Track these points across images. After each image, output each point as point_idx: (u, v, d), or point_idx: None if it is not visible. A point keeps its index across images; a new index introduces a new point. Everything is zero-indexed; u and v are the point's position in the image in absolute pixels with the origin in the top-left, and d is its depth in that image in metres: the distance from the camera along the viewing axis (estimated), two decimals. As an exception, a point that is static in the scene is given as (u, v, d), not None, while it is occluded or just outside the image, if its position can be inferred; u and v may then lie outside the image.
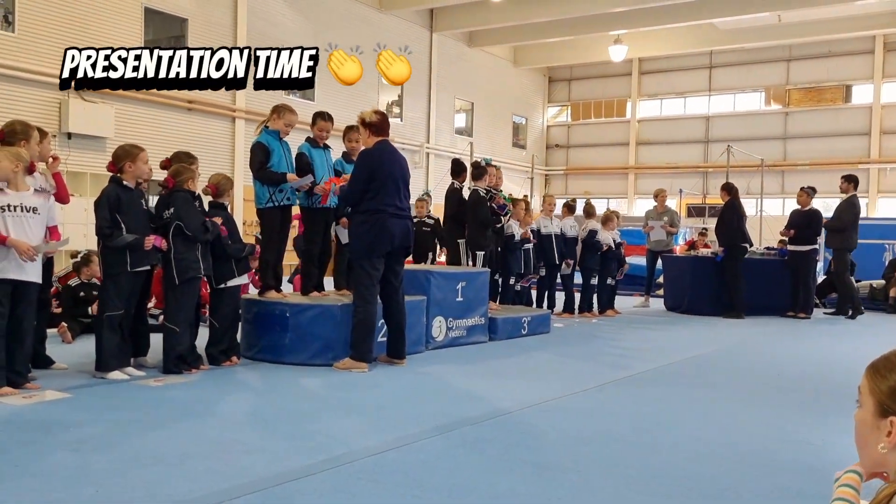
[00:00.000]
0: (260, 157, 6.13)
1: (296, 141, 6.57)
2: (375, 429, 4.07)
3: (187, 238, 5.40)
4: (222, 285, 5.82)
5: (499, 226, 8.57)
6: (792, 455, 3.78)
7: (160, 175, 5.88)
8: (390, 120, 6.50)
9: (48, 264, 5.32)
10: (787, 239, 11.42)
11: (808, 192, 11.30)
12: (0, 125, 5.15)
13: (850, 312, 11.29)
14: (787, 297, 11.17)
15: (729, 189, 11.23)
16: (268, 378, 5.53)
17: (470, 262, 8.31)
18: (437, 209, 10.09)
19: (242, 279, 6.02)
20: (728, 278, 10.86)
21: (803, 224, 11.09)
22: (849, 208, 11.46)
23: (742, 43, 25.53)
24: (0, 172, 4.65)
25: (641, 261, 12.93)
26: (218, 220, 5.63)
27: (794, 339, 8.81)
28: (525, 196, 12.60)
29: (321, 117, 6.58)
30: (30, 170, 4.83)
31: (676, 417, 4.55)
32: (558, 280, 10.38)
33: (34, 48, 14.45)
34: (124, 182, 5.26)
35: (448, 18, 23.94)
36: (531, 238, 9.46)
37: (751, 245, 11.48)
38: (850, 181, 11.56)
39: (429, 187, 20.57)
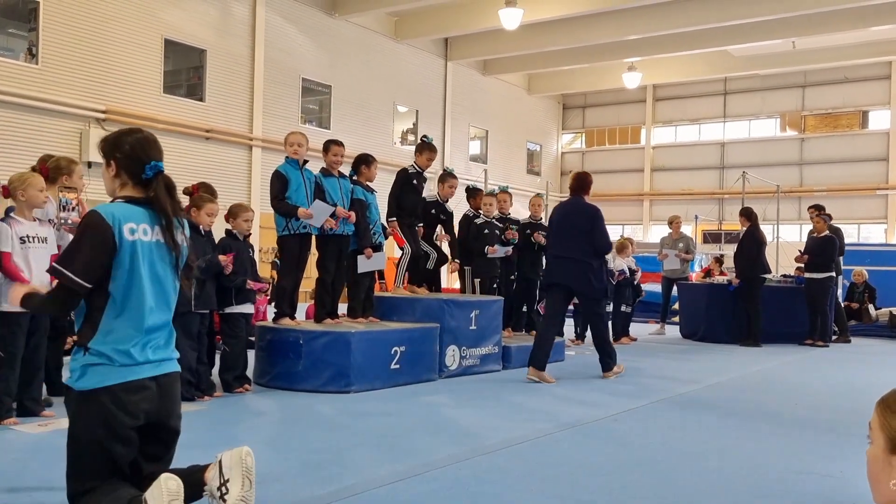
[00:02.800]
0: (276, 187, 6.22)
1: (315, 170, 6.62)
2: (388, 458, 4.05)
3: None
4: (222, 311, 5.88)
5: (487, 254, 8.15)
6: (811, 487, 3.72)
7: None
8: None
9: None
10: (803, 266, 11.32)
11: (825, 219, 11.20)
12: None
13: (835, 338, 11.46)
14: (804, 325, 11.04)
15: (749, 215, 10.98)
16: (281, 405, 5.53)
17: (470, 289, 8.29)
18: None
19: (246, 307, 6.03)
20: (747, 306, 10.73)
21: (818, 251, 10.98)
22: (840, 234, 11.55)
23: (757, 69, 25.55)
24: (34, 200, 4.65)
25: (657, 288, 12.85)
26: (225, 257, 5.65)
27: (811, 367, 8.70)
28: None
29: (334, 143, 6.68)
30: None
31: (693, 447, 4.50)
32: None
33: (57, 80, 14.75)
34: None
35: (462, 47, 24.17)
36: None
37: (769, 273, 11.36)
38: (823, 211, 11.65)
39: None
